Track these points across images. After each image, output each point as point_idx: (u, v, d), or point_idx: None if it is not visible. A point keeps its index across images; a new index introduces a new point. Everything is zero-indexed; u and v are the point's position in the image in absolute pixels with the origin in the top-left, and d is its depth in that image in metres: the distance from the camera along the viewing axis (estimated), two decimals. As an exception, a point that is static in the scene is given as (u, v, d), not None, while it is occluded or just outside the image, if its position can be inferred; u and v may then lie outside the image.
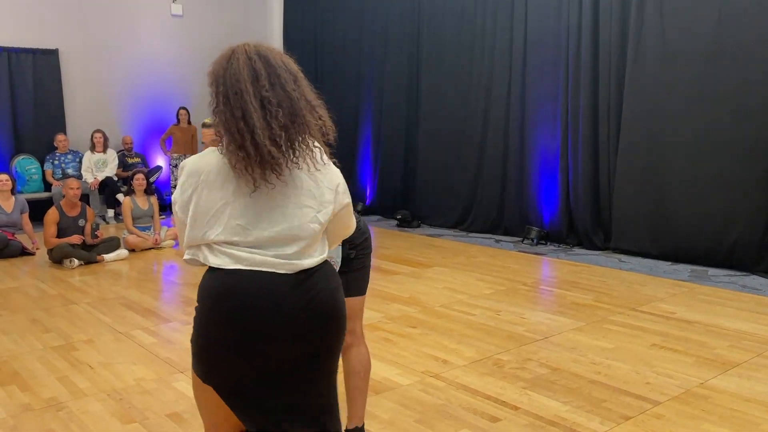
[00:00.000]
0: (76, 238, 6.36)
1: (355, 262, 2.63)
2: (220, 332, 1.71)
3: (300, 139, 1.70)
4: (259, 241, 1.71)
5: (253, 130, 1.64)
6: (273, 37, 11.21)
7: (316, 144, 1.76)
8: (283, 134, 1.67)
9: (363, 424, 2.74)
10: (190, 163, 1.79)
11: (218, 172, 1.72)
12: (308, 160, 1.73)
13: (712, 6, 5.80)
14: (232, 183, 1.70)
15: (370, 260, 2.67)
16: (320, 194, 1.76)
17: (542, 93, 7.23)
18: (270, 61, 1.70)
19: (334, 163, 1.84)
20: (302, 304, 1.72)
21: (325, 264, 1.82)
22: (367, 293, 2.71)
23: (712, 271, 5.84)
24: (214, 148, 1.77)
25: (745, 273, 5.72)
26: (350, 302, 2.50)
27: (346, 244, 2.56)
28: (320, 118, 1.75)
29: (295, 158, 1.70)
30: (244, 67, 1.68)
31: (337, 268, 2.45)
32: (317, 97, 1.76)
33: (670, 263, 6.14)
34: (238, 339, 1.70)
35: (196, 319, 1.77)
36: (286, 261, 1.72)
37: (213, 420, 1.85)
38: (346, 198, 1.84)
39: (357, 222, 2.42)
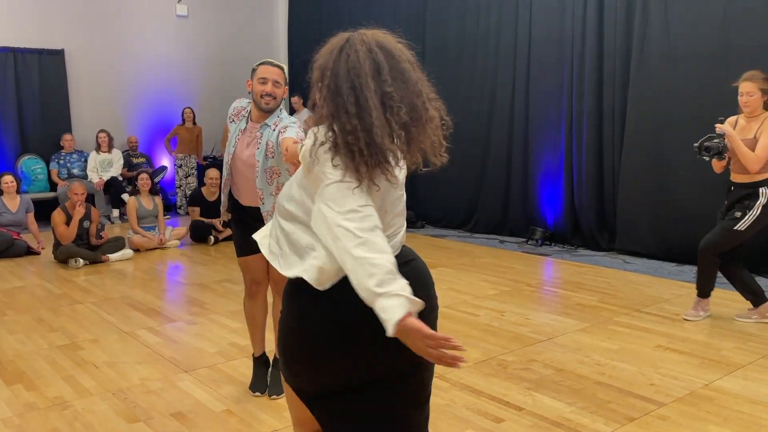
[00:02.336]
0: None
1: None
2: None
3: (420, 138, 1.61)
4: None
5: (371, 129, 1.52)
6: (277, 37, 11.23)
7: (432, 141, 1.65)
8: (403, 133, 1.57)
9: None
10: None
11: None
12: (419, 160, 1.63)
13: (717, 7, 5.78)
14: None
15: None
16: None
17: (546, 94, 7.23)
18: (393, 53, 1.57)
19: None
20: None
21: None
22: None
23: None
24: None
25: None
26: None
27: None
28: (439, 111, 1.64)
29: (410, 157, 1.61)
30: (365, 60, 1.54)
31: None
32: (432, 89, 1.63)
33: (675, 264, 6.13)
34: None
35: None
36: None
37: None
38: None
39: None
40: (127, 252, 6.70)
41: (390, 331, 1.43)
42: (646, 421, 3.02)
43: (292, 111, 10.31)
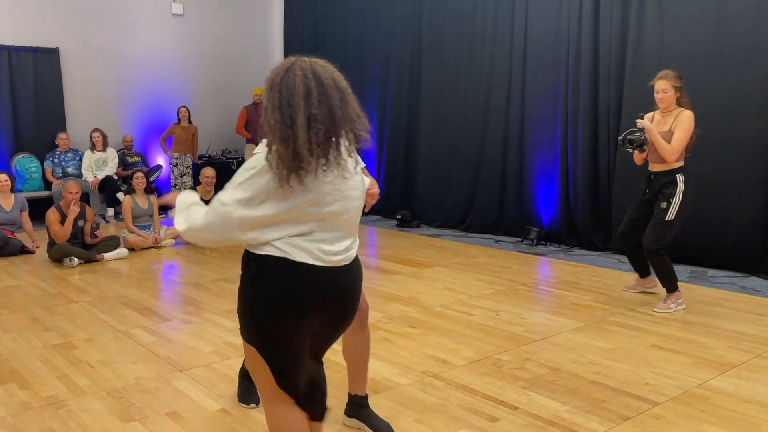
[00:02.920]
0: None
1: None
2: None
3: (335, 154, 1.91)
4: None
5: (296, 140, 1.84)
6: (273, 36, 11.22)
7: (351, 155, 1.98)
8: (319, 149, 1.87)
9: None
10: None
11: None
12: (336, 171, 1.94)
13: (711, 8, 5.81)
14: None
15: None
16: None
17: (542, 93, 7.24)
18: (324, 81, 1.90)
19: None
20: None
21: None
22: (366, 293, 2.73)
23: (711, 272, 5.84)
24: None
25: (744, 274, 5.72)
26: None
27: None
28: (357, 131, 1.96)
29: (323, 169, 1.90)
30: (300, 84, 1.87)
31: None
32: (360, 110, 1.97)
33: (669, 264, 6.15)
34: None
35: None
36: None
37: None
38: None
39: None
40: (122, 251, 6.69)
41: None
42: (640, 420, 3.03)
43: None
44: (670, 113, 4.58)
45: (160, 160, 10.07)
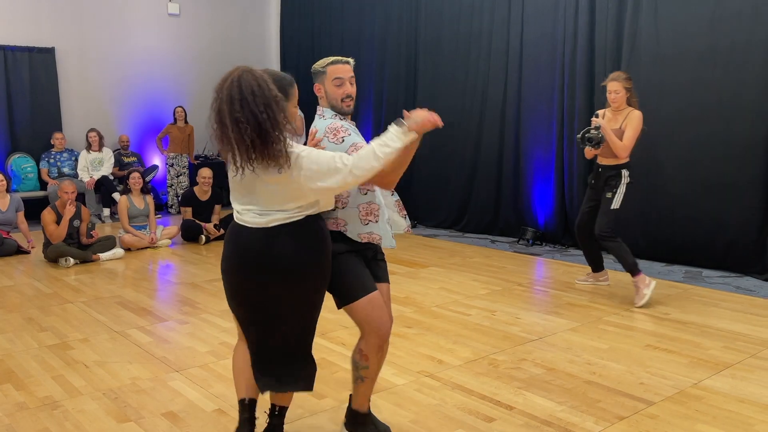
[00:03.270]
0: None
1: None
2: None
3: (265, 150, 2.25)
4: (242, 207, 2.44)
5: (230, 139, 2.25)
6: (270, 36, 11.22)
7: (284, 150, 2.28)
8: (251, 144, 2.24)
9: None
10: None
11: None
12: (267, 165, 2.29)
13: (705, 8, 5.83)
14: None
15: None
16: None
17: (538, 94, 7.25)
18: (242, 89, 2.23)
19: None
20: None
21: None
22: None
23: (706, 272, 5.86)
24: None
25: (738, 274, 5.75)
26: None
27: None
28: (281, 135, 2.28)
29: (261, 160, 2.27)
30: (231, 90, 2.25)
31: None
32: (284, 118, 2.29)
33: (664, 264, 6.17)
34: None
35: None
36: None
37: None
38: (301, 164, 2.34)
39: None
40: (118, 251, 6.68)
41: None
42: (635, 420, 3.04)
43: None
44: (621, 112, 4.94)
45: (156, 160, 10.06)
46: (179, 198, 9.02)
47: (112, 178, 9.07)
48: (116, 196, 8.60)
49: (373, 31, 9.16)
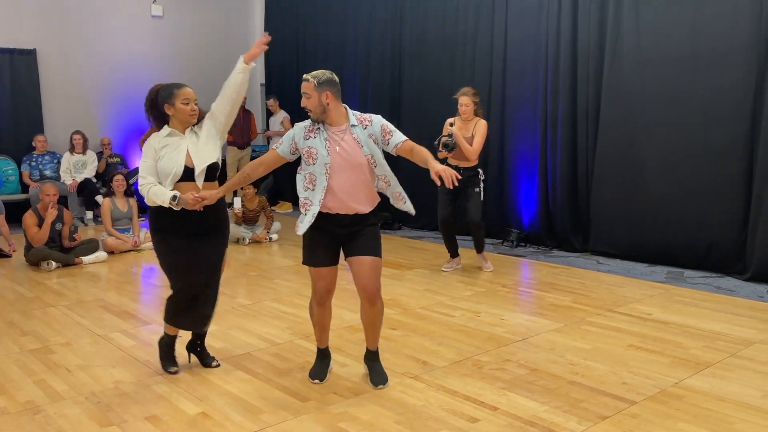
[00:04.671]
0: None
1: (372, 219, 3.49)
2: None
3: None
4: None
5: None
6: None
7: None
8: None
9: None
10: None
11: None
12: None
13: (687, 13, 5.89)
14: None
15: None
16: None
17: (522, 97, 7.29)
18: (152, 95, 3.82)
19: None
20: None
21: None
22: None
23: (687, 272, 5.93)
24: None
25: (719, 274, 5.81)
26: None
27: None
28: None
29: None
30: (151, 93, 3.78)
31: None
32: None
33: (647, 265, 6.23)
34: None
35: None
36: None
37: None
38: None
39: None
40: (101, 254, 6.63)
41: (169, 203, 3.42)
42: (617, 420, 3.07)
43: (269, 114, 10.27)
44: (470, 122, 5.82)
45: (139, 162, 9.99)
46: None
47: (95, 180, 9.00)
48: (99, 198, 8.53)
49: (358, 32, 9.16)
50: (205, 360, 3.78)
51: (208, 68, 10.60)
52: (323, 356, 3.63)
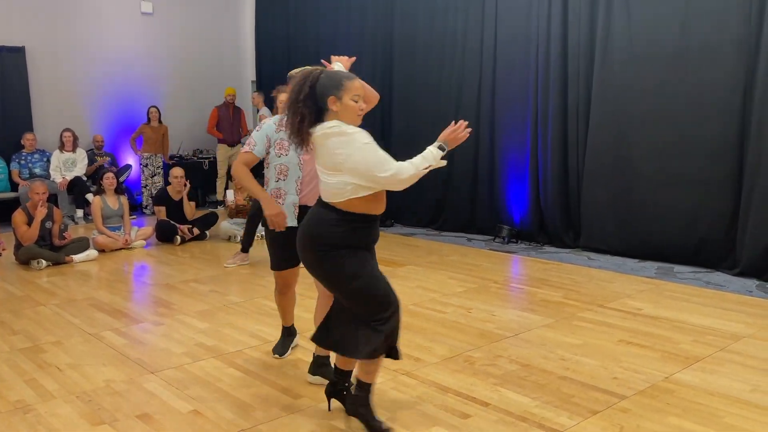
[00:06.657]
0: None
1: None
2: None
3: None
4: None
5: None
6: (245, 36, 11.15)
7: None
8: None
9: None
10: None
11: None
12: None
13: (677, 9, 5.92)
14: None
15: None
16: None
17: (512, 93, 7.31)
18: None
19: None
20: None
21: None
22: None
23: (677, 268, 5.96)
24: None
25: (709, 270, 5.85)
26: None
27: None
28: None
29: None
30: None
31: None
32: None
33: (637, 261, 6.26)
34: None
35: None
36: None
37: None
38: None
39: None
40: (91, 253, 6.60)
41: None
42: (608, 414, 3.09)
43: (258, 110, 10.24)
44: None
45: (130, 160, 9.96)
46: (153, 198, 8.93)
47: (85, 178, 8.96)
48: (90, 196, 8.49)
49: (348, 29, 9.15)
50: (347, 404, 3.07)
51: (199, 66, 10.58)
52: (288, 334, 3.88)
